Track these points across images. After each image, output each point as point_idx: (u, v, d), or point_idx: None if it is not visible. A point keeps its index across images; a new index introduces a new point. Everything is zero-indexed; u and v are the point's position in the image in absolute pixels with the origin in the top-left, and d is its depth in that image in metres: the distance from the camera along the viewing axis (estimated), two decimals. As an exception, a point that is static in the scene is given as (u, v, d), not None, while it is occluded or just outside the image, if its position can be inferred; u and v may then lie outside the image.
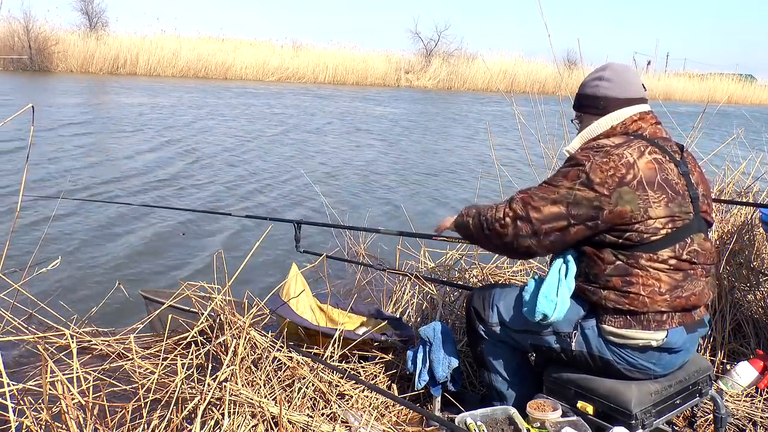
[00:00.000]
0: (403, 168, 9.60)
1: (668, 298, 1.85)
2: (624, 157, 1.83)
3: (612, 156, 1.83)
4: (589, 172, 1.83)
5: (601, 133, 2.00)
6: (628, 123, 1.98)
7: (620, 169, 1.81)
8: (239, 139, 11.22)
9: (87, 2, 26.66)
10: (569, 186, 1.85)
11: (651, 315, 1.86)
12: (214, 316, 2.53)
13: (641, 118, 1.99)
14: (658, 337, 1.86)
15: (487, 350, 2.23)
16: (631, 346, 1.89)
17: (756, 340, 2.98)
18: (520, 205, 1.93)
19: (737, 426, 2.45)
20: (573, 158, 1.90)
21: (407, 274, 3.20)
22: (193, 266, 4.73)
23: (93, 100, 16.04)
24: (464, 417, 2.01)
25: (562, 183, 1.87)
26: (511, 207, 1.94)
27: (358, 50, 32.52)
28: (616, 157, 1.83)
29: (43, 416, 1.87)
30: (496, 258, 3.78)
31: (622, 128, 1.98)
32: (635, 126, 1.98)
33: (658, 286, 1.84)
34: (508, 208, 1.95)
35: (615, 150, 1.85)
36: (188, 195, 7.01)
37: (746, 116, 8.52)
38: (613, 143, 1.89)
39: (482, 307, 2.20)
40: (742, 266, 3.16)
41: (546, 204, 1.88)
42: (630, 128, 1.98)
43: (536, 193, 1.91)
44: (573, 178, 1.85)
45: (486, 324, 2.19)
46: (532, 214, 1.89)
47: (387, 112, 18.03)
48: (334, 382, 2.43)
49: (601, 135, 1.99)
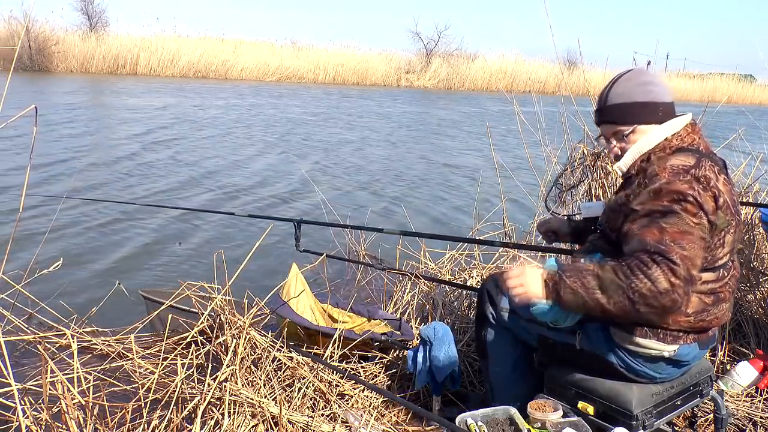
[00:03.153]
0: (403, 168, 9.60)
1: (692, 320, 1.81)
2: (710, 180, 1.70)
3: (701, 180, 1.69)
4: (702, 202, 1.66)
5: (656, 146, 1.81)
6: (683, 135, 1.82)
7: (715, 193, 1.70)
8: (239, 139, 11.23)
9: (87, 2, 26.71)
10: (697, 222, 1.66)
11: (669, 330, 1.82)
12: (214, 316, 2.53)
13: (692, 128, 1.85)
14: (670, 348, 1.84)
15: (491, 337, 2.22)
16: (641, 354, 1.86)
17: (756, 340, 2.98)
18: (684, 271, 1.61)
19: (737, 426, 2.45)
20: (674, 189, 1.67)
21: (407, 274, 3.20)
22: (193, 266, 4.73)
23: (93, 101, 16.04)
24: (464, 417, 2.01)
25: (691, 221, 1.65)
26: (677, 275, 1.59)
27: (358, 50, 32.59)
28: (704, 180, 1.69)
29: (43, 416, 1.87)
30: (496, 258, 3.78)
31: (678, 141, 1.81)
32: (690, 139, 1.82)
33: (686, 308, 1.78)
34: (673, 277, 1.59)
35: (700, 172, 1.70)
36: (189, 194, 7.01)
37: (748, 116, 8.51)
38: (690, 163, 1.72)
39: (496, 292, 2.19)
40: (742, 266, 3.16)
41: (697, 253, 1.65)
42: (685, 140, 1.82)
43: (683, 245, 1.62)
44: (694, 213, 1.65)
45: (496, 308, 2.19)
46: (694, 271, 1.65)
47: (387, 112, 18.03)
48: (334, 382, 2.43)
49: (657, 149, 1.81)
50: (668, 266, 1.59)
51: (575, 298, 1.68)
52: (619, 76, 1.87)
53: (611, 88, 1.86)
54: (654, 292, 1.58)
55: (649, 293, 1.59)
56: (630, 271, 1.61)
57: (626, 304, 1.62)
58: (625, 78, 1.86)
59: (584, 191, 3.63)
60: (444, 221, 6.53)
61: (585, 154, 3.64)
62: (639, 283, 1.59)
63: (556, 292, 1.71)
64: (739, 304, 3.06)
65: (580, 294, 1.67)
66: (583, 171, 3.64)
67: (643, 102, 1.81)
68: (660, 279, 1.58)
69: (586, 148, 3.66)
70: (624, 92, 1.83)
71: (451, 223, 6.47)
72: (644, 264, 1.61)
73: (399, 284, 3.56)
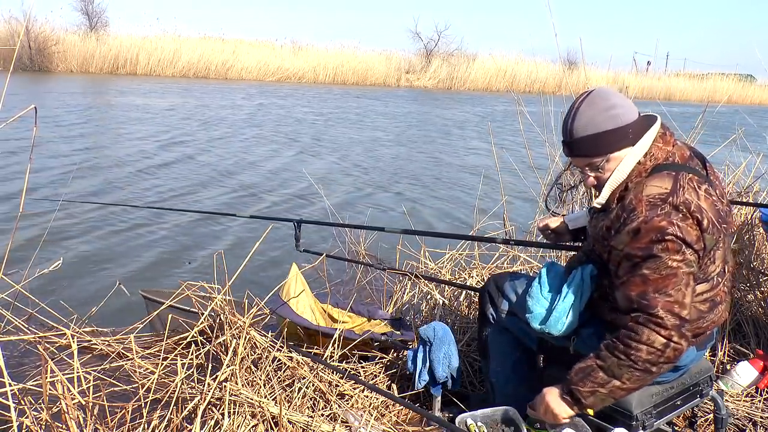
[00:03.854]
0: (403, 168, 9.60)
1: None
2: (690, 204, 1.64)
3: (680, 208, 1.63)
4: (683, 237, 1.62)
5: (631, 172, 1.73)
6: (655, 153, 1.73)
7: (696, 218, 1.64)
8: (239, 139, 11.23)
9: (87, 2, 26.70)
10: (680, 259, 1.62)
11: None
12: (214, 316, 2.53)
13: (662, 139, 1.75)
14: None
15: (492, 337, 2.23)
16: None
17: (756, 340, 2.98)
18: (672, 319, 1.62)
19: (737, 426, 2.45)
20: (653, 228, 1.62)
21: (407, 274, 3.20)
22: (193, 266, 4.73)
23: (93, 101, 16.03)
24: (464, 417, 2.01)
25: (673, 260, 1.62)
26: (665, 326, 1.61)
27: (358, 50, 32.56)
28: (683, 206, 1.63)
29: (43, 416, 1.87)
30: (496, 258, 3.78)
31: (651, 161, 1.73)
32: (663, 153, 1.74)
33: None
34: (664, 330, 1.61)
35: (678, 199, 1.64)
36: (189, 195, 7.01)
37: (746, 116, 8.51)
38: (666, 189, 1.66)
39: (496, 293, 2.21)
40: (742, 266, 3.16)
41: (684, 293, 1.63)
42: (659, 157, 1.73)
43: (667, 292, 1.62)
44: (676, 251, 1.62)
45: (497, 309, 2.20)
46: (684, 313, 1.63)
47: (387, 112, 18.02)
48: (334, 382, 2.43)
49: (632, 175, 1.73)
50: (654, 323, 1.62)
51: (596, 397, 1.72)
52: (579, 104, 1.74)
53: (574, 120, 1.73)
54: (654, 352, 1.62)
55: (652, 356, 1.63)
56: (625, 346, 1.65)
57: (640, 374, 1.66)
58: (586, 106, 1.73)
59: (584, 191, 3.63)
60: (444, 221, 6.53)
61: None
62: (638, 353, 1.63)
63: (577, 402, 1.75)
64: (739, 304, 3.06)
65: (599, 392, 1.71)
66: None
67: (611, 130, 1.70)
68: (653, 338, 1.62)
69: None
70: (589, 123, 1.71)
71: (452, 222, 6.47)
72: (633, 332, 1.64)
73: (399, 284, 3.56)
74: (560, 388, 1.79)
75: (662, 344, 1.62)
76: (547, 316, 1.91)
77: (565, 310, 1.88)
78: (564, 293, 1.89)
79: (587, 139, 1.72)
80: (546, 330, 1.91)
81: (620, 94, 1.77)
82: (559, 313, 1.88)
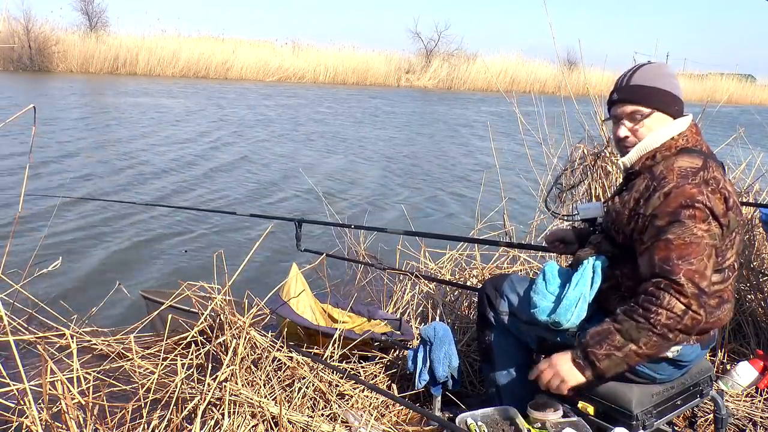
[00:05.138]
0: (403, 168, 9.60)
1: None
2: (719, 181, 1.72)
3: (710, 182, 1.70)
4: (712, 207, 1.67)
5: (663, 144, 1.81)
6: (688, 135, 1.82)
7: (725, 195, 1.71)
8: (239, 139, 11.22)
9: (87, 2, 26.69)
10: (706, 229, 1.66)
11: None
12: (214, 316, 2.53)
13: (696, 129, 1.86)
14: (674, 349, 1.84)
15: (494, 339, 2.23)
16: None
17: (756, 340, 2.98)
18: (693, 287, 1.63)
19: (737, 426, 2.45)
20: (683, 193, 1.67)
21: (407, 274, 3.20)
22: (193, 266, 4.73)
23: (93, 100, 16.03)
24: (464, 417, 2.01)
25: (699, 228, 1.65)
26: (685, 294, 1.62)
27: (358, 50, 32.57)
28: (713, 181, 1.70)
29: (43, 416, 1.87)
30: (496, 258, 3.78)
31: (683, 141, 1.82)
32: (693, 139, 1.83)
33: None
34: (683, 297, 1.62)
35: (708, 174, 1.71)
36: (189, 194, 7.01)
37: (756, 115, 8.51)
38: (697, 165, 1.73)
39: (494, 295, 2.21)
40: (742, 266, 3.15)
41: (706, 264, 1.65)
42: (690, 141, 1.82)
43: (689, 260, 1.64)
44: (702, 219, 1.66)
45: (496, 311, 2.20)
46: (704, 284, 1.65)
47: (387, 112, 18.02)
48: (334, 382, 2.43)
49: (662, 147, 1.81)
50: (675, 289, 1.63)
51: (611, 361, 1.70)
52: (644, 64, 1.89)
53: (636, 71, 1.86)
54: (674, 317, 1.62)
55: (671, 321, 1.62)
56: (644, 310, 1.65)
57: (657, 339, 1.65)
58: (650, 66, 1.87)
59: (584, 191, 3.63)
60: (444, 221, 6.53)
61: (585, 154, 3.64)
62: (657, 317, 1.63)
63: (591, 365, 1.72)
64: (739, 304, 3.06)
65: (615, 355, 1.69)
66: (583, 171, 3.64)
67: (667, 91, 1.82)
68: (673, 303, 1.62)
69: (587, 148, 3.66)
70: (651, 77, 1.83)
71: (452, 222, 6.47)
72: (653, 296, 1.65)
73: (399, 284, 3.56)
74: (573, 352, 1.75)
75: (682, 311, 1.62)
76: (555, 307, 1.91)
77: (576, 299, 1.88)
78: (575, 282, 1.90)
79: (642, 89, 1.82)
80: (555, 319, 1.89)
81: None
82: (569, 302, 1.88)
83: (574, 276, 1.92)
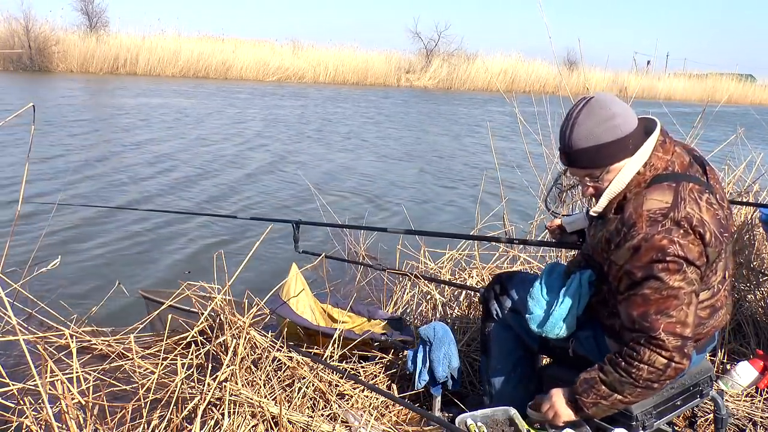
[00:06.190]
0: (403, 168, 9.60)
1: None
2: (692, 218, 1.60)
3: (681, 224, 1.60)
4: (686, 255, 1.59)
5: (630, 182, 1.69)
6: (655, 162, 1.69)
7: (699, 232, 1.61)
8: (238, 140, 11.22)
9: (87, 2, 26.67)
10: (681, 278, 1.60)
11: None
12: (214, 316, 2.52)
13: (662, 148, 1.70)
14: None
15: (495, 333, 2.23)
16: None
17: (756, 340, 2.98)
18: (674, 341, 1.61)
19: (737, 426, 2.45)
20: (653, 247, 1.59)
21: (407, 274, 3.20)
22: (193, 266, 4.73)
23: (93, 101, 16.03)
24: (464, 417, 2.01)
25: (675, 281, 1.59)
26: (666, 347, 1.60)
27: (358, 50, 32.55)
28: (685, 221, 1.60)
29: (43, 416, 1.87)
30: (496, 258, 3.78)
31: (651, 171, 1.69)
32: (662, 163, 1.69)
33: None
34: (665, 351, 1.61)
35: (679, 214, 1.60)
36: (189, 196, 7.01)
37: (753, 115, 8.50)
38: (667, 204, 1.62)
39: (500, 291, 2.22)
40: (742, 266, 3.16)
41: (686, 312, 1.61)
42: (659, 167, 1.69)
43: (668, 313, 1.60)
44: (676, 271, 1.59)
45: (501, 306, 2.21)
46: (686, 332, 1.62)
47: (387, 112, 18.02)
48: (334, 382, 2.43)
49: (631, 185, 1.69)
50: (655, 344, 1.62)
51: (599, 408, 1.75)
52: (578, 113, 1.69)
53: (573, 131, 1.68)
54: (655, 371, 1.63)
55: (653, 375, 1.64)
56: (626, 364, 1.66)
57: (641, 391, 1.68)
58: (584, 116, 1.67)
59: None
60: (444, 221, 6.53)
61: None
62: (639, 372, 1.65)
63: (580, 410, 1.77)
64: (739, 304, 3.05)
65: (602, 403, 1.73)
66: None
67: (611, 141, 1.65)
68: (653, 359, 1.63)
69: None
70: (589, 134, 1.66)
71: (452, 222, 6.47)
72: (634, 351, 1.65)
73: (399, 284, 3.56)
74: (566, 394, 1.81)
75: (663, 365, 1.62)
76: (545, 320, 1.92)
77: (562, 314, 1.88)
78: (561, 298, 1.89)
79: (586, 151, 1.67)
80: (544, 334, 1.93)
81: (619, 100, 1.72)
82: (556, 318, 1.89)
83: (562, 292, 1.91)
